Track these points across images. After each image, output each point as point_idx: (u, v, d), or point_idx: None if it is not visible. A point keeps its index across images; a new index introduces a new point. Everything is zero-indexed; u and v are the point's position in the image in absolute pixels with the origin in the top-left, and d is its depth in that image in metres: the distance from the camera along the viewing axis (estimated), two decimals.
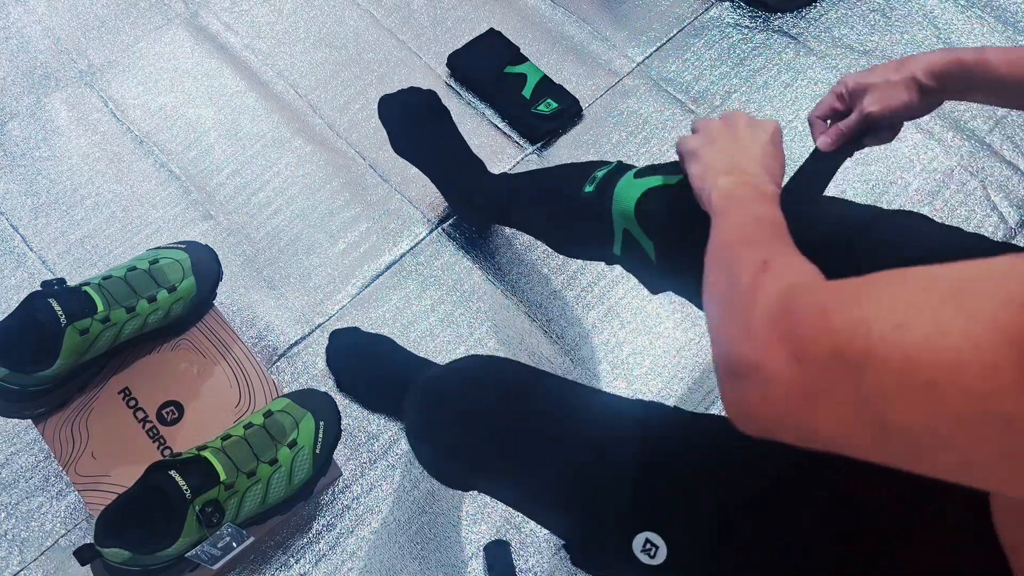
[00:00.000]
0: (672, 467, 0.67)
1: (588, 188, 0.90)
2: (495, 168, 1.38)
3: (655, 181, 0.83)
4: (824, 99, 0.81)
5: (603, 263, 1.15)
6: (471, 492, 1.14)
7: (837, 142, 0.79)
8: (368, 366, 1.18)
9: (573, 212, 0.94)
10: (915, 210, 0.81)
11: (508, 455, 0.73)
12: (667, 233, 0.81)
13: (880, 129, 0.79)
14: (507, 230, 1.33)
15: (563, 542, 0.75)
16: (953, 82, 0.74)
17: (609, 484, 0.68)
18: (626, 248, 0.87)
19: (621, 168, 0.90)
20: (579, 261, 1.30)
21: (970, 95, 0.75)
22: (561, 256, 1.31)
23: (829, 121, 0.81)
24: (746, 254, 0.56)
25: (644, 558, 0.65)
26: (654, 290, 0.92)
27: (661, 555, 0.64)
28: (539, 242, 1.31)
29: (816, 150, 0.80)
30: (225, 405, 1.02)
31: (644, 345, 1.25)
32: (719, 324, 0.53)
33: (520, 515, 1.12)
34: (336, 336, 1.21)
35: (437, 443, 0.78)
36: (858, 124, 0.78)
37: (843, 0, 1.58)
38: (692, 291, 0.75)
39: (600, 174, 0.90)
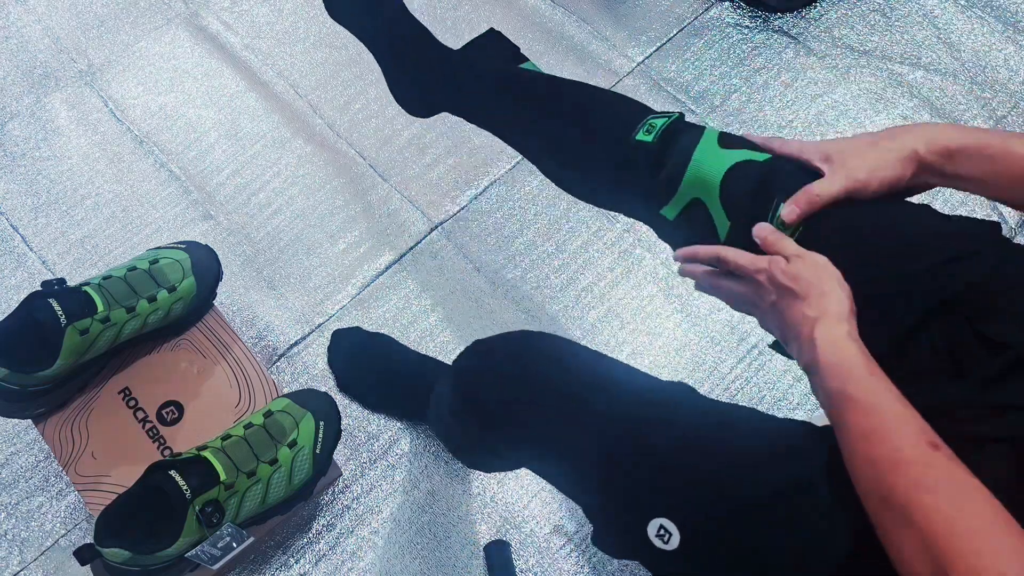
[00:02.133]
0: (693, 455, 0.67)
1: (644, 136, 0.79)
2: (494, 168, 1.38)
3: (744, 155, 0.75)
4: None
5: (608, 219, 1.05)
6: (471, 492, 1.14)
7: (804, 214, 0.70)
8: (370, 366, 1.18)
9: (612, 152, 0.82)
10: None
11: (543, 424, 0.72)
12: (751, 216, 0.73)
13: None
14: (506, 230, 1.33)
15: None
16: (962, 166, 0.67)
17: (630, 465, 0.68)
18: (686, 216, 0.78)
19: (688, 125, 0.80)
20: (579, 261, 1.30)
21: (968, 185, 0.69)
22: (561, 256, 1.30)
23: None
24: (955, 543, 0.51)
25: (658, 543, 0.65)
26: (668, 239, 0.85)
27: (674, 542, 0.64)
28: (540, 240, 1.31)
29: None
30: (225, 405, 1.02)
31: (644, 345, 1.25)
32: None
33: (520, 515, 1.12)
34: (337, 336, 1.21)
35: (477, 414, 0.78)
36: (839, 195, 0.69)
37: (843, 0, 1.58)
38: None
39: (659, 124, 0.79)
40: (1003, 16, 1.55)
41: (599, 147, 0.84)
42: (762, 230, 0.70)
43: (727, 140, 0.78)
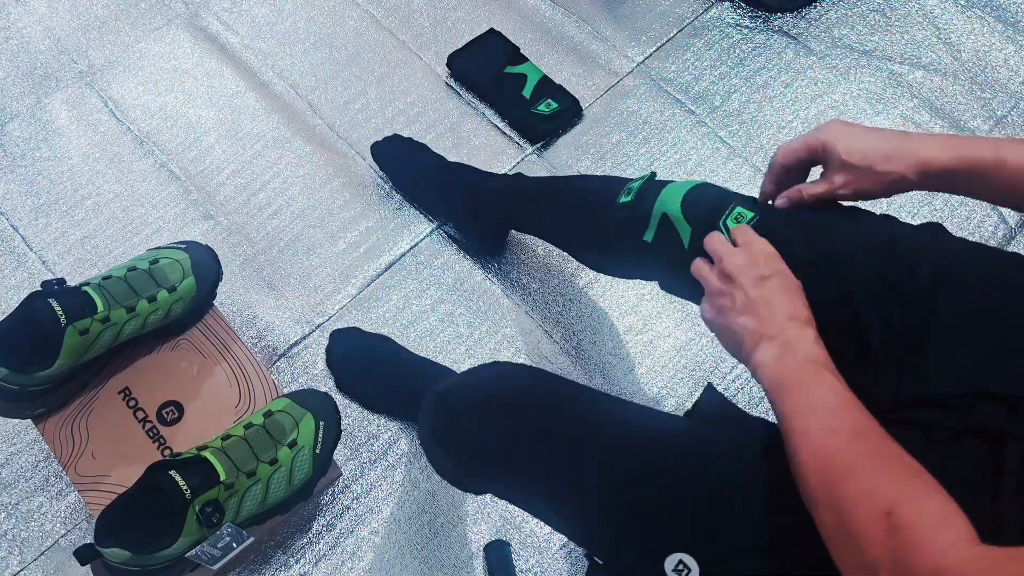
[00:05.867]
0: (713, 492, 0.66)
1: (624, 198, 0.89)
2: (494, 168, 1.38)
3: (706, 184, 0.85)
4: (795, 146, 0.78)
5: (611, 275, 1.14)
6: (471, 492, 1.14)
7: (793, 207, 0.78)
8: (369, 367, 1.18)
9: (606, 222, 0.92)
10: (915, 210, 0.81)
11: (531, 464, 0.72)
12: (708, 224, 0.80)
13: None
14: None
15: (585, 552, 0.75)
16: (954, 182, 0.70)
17: (639, 502, 0.67)
18: (659, 234, 0.85)
19: (661, 181, 0.89)
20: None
21: (962, 192, 0.72)
22: (561, 256, 1.31)
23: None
24: (861, 500, 0.51)
25: None
26: (666, 287, 0.91)
27: None
28: (539, 242, 1.31)
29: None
30: (225, 405, 1.02)
31: (644, 345, 1.25)
32: None
33: (520, 515, 1.12)
34: (337, 336, 1.21)
35: (456, 447, 0.77)
36: (822, 196, 0.76)
37: (843, 0, 1.58)
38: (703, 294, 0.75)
39: (636, 185, 0.89)
40: (1003, 16, 1.55)
41: (596, 222, 0.94)
42: (712, 239, 0.75)
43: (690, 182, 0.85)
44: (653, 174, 0.91)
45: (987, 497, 0.57)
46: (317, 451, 0.97)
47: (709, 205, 0.81)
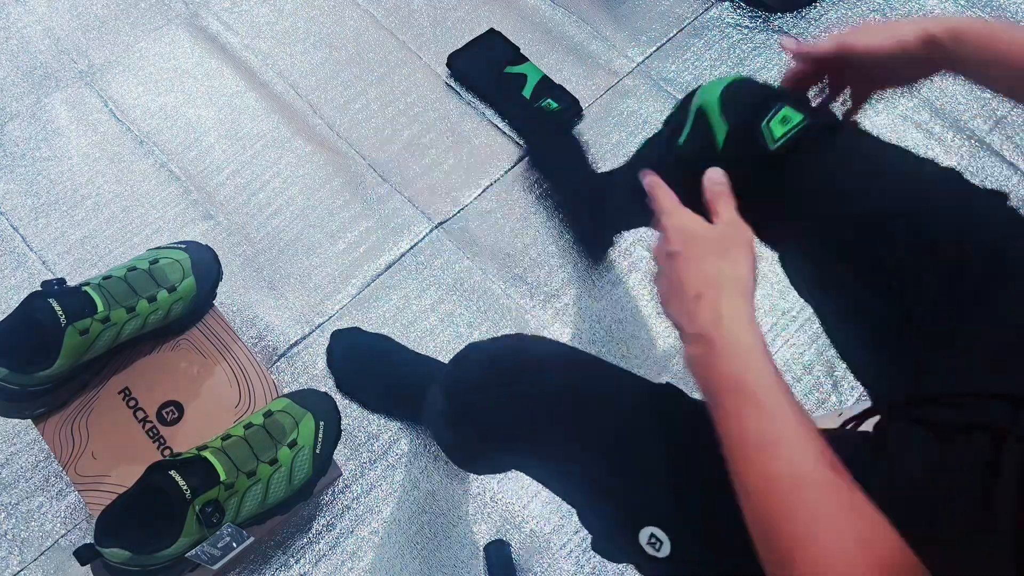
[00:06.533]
0: (685, 464, 0.66)
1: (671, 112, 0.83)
2: (494, 168, 1.38)
3: (751, 78, 0.77)
4: (817, 47, 0.72)
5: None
6: (471, 492, 1.14)
7: (799, 51, 0.70)
8: (370, 366, 1.18)
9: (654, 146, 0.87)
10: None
11: (537, 434, 0.72)
12: (747, 125, 0.72)
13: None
14: (506, 230, 1.33)
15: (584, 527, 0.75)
16: (969, 49, 0.67)
17: (621, 472, 0.67)
18: (692, 134, 0.77)
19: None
20: (577, 253, 1.30)
21: (970, 71, 0.69)
22: (562, 256, 1.30)
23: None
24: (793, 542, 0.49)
25: (650, 551, 0.65)
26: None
27: (665, 549, 0.64)
28: (539, 241, 1.31)
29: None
30: (225, 405, 1.02)
31: (644, 344, 1.25)
32: None
33: (520, 515, 1.12)
34: (337, 336, 1.21)
35: (470, 425, 0.78)
36: (845, 49, 0.69)
37: (843, 0, 1.58)
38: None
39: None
40: (1003, 16, 1.55)
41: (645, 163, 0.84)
42: (711, 176, 0.67)
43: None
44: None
45: (981, 495, 0.57)
46: (317, 451, 0.97)
47: (750, 103, 0.73)
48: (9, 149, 1.39)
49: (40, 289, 0.93)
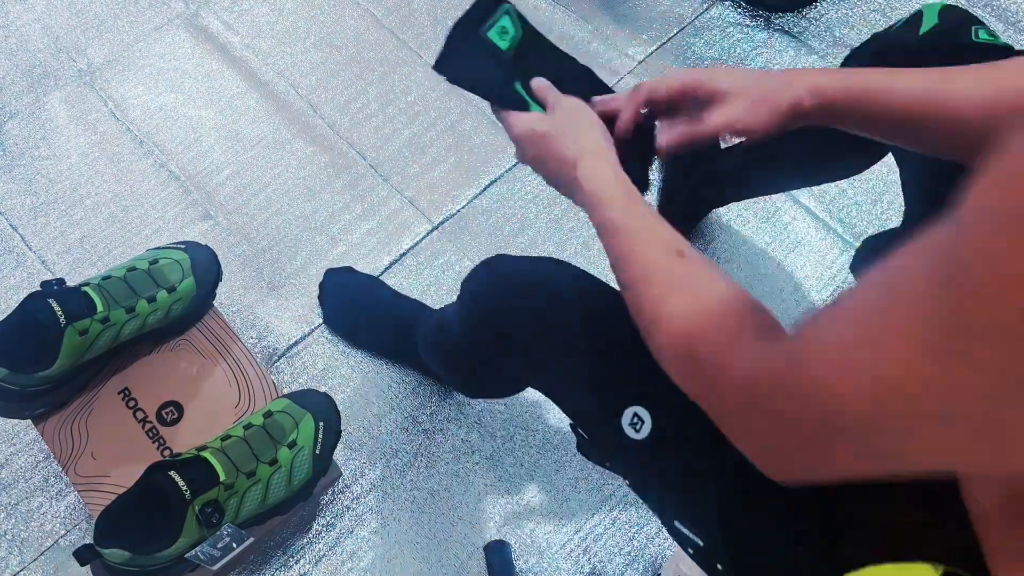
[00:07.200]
0: None
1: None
2: (493, 167, 1.38)
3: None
4: (669, 81, 0.71)
5: None
6: (471, 492, 1.14)
7: (682, 147, 0.71)
8: (357, 300, 1.21)
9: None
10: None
11: (548, 338, 0.75)
12: (955, 32, 0.82)
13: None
14: (506, 230, 1.33)
15: (571, 424, 0.78)
16: (851, 112, 0.67)
17: (613, 360, 0.70)
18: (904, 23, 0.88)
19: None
20: (579, 260, 1.28)
21: (851, 126, 0.69)
22: (562, 255, 1.29)
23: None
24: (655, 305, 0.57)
25: (630, 432, 0.67)
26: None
27: (645, 430, 0.66)
28: (539, 242, 1.31)
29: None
30: (225, 405, 1.02)
31: None
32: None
33: (520, 515, 1.12)
34: (330, 274, 1.24)
35: (489, 328, 0.80)
36: (716, 132, 0.68)
37: (844, 0, 1.57)
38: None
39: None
40: (1003, 16, 1.55)
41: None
42: (536, 83, 0.77)
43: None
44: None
45: None
46: (317, 451, 0.97)
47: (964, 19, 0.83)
48: (8, 148, 1.39)
49: (39, 289, 0.93)
